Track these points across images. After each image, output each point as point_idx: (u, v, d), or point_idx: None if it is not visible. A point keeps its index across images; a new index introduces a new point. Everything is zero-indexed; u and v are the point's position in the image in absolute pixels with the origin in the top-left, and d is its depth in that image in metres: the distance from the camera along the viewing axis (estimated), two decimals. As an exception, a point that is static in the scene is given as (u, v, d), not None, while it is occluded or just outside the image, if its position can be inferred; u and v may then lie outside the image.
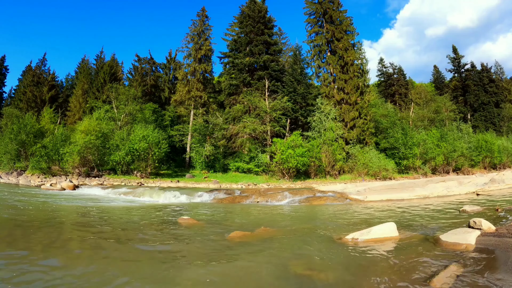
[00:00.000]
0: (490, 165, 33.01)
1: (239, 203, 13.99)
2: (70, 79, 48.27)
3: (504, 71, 51.90)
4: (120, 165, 23.63)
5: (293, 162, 22.39)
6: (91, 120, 24.69)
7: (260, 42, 30.05)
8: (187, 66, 31.78)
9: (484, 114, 45.58)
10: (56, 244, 6.06)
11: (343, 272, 4.71)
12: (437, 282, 3.92)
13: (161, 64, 40.24)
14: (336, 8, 30.37)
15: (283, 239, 6.86)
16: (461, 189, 16.45)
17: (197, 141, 27.86)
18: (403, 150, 26.99)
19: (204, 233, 7.43)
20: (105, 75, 35.51)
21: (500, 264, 4.41)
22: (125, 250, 5.81)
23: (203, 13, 31.91)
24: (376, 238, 6.31)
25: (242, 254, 5.66)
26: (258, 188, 18.77)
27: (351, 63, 28.48)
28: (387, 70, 49.79)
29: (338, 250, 5.81)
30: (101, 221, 8.88)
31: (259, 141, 27.42)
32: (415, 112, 36.39)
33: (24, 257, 5.06)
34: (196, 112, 30.14)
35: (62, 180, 20.52)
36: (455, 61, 50.16)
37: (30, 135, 25.19)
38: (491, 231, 6.13)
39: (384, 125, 30.89)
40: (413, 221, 8.82)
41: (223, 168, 27.50)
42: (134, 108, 28.66)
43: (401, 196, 14.77)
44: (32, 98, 37.83)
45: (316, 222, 9.20)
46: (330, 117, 26.53)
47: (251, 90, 28.75)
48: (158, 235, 7.16)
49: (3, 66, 45.73)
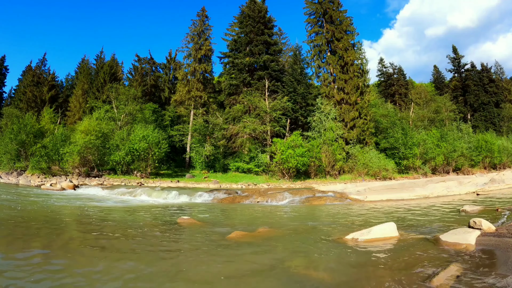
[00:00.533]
0: (490, 165, 33.02)
1: (239, 203, 13.99)
2: (70, 79, 48.30)
3: (504, 71, 52.02)
4: (120, 165, 23.64)
5: (293, 162, 22.40)
6: (91, 120, 24.70)
7: (260, 42, 30.05)
8: (187, 66, 31.82)
9: (484, 114, 45.58)
10: (56, 244, 6.06)
11: (343, 272, 4.71)
12: (437, 282, 3.92)
13: (161, 64, 40.28)
14: (336, 8, 30.39)
15: (283, 239, 6.86)
16: (461, 189, 16.45)
17: (197, 141, 27.86)
18: (403, 150, 27.00)
19: (204, 233, 7.43)
20: (105, 75, 35.51)
21: (500, 264, 4.41)
22: (125, 250, 5.81)
23: (203, 13, 31.95)
24: (376, 238, 6.31)
25: (242, 254, 5.66)
26: (258, 188, 18.77)
27: (351, 63, 28.49)
28: (387, 70, 49.80)
29: (338, 250, 5.81)
30: (101, 221, 8.88)
31: (259, 141, 27.42)
32: (415, 112, 36.39)
33: (23, 257, 5.06)
34: (196, 112, 30.14)
35: (62, 180, 20.52)
36: (455, 61, 50.16)
37: (30, 135, 25.17)
38: (491, 231, 6.12)
39: (384, 125, 30.89)
40: (413, 221, 8.83)
41: (223, 168, 27.50)
42: (134, 108, 28.66)
43: (401, 196, 14.77)
44: (32, 98, 37.84)
45: (316, 222, 9.19)
46: (330, 117, 26.54)
47: (251, 90, 28.75)
48: (158, 235, 7.16)
49: (3, 66, 45.73)
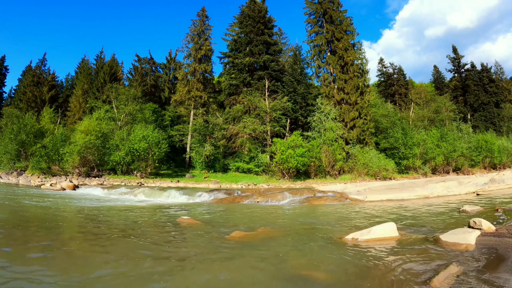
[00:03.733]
0: (490, 165, 33.02)
1: (239, 203, 13.98)
2: (70, 79, 48.22)
3: (504, 71, 52.03)
4: (120, 165, 23.65)
5: (293, 162, 22.40)
6: (91, 120, 24.71)
7: (260, 42, 30.05)
8: (187, 66, 31.84)
9: (484, 114, 45.58)
10: (56, 245, 6.06)
11: (343, 272, 4.70)
12: (437, 282, 3.92)
13: (161, 64, 40.28)
14: (336, 8, 30.40)
15: (283, 239, 6.86)
16: (461, 189, 16.45)
17: (197, 141, 27.86)
18: (403, 150, 27.00)
19: (204, 233, 7.42)
20: (105, 75, 35.51)
21: (500, 264, 4.41)
22: (125, 251, 5.81)
23: (203, 13, 31.96)
24: (376, 238, 6.31)
25: (242, 254, 5.66)
26: (258, 188, 18.77)
27: (351, 63, 28.50)
28: (387, 70, 49.78)
29: (338, 250, 5.81)
30: (101, 221, 8.87)
31: (259, 141, 27.43)
32: (415, 112, 36.40)
33: (23, 257, 5.06)
34: (196, 112, 30.14)
35: (62, 180, 20.53)
36: (455, 61, 50.17)
37: (30, 135, 25.19)
38: (491, 231, 6.12)
39: (384, 125, 30.90)
40: (413, 221, 8.82)
41: (223, 168, 27.50)
42: (134, 108, 28.67)
43: (401, 196, 14.77)
44: (32, 98, 37.86)
45: (316, 222, 9.19)
46: (330, 117, 26.54)
47: (251, 90, 28.75)
48: (158, 235, 7.16)
49: (3, 66, 45.74)
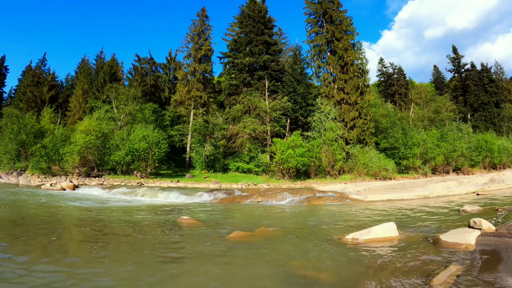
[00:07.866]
0: (490, 165, 32.99)
1: (239, 203, 13.99)
2: (70, 79, 48.16)
3: (504, 71, 51.92)
4: (120, 165, 23.63)
5: (293, 162, 22.39)
6: (91, 120, 24.67)
7: (260, 42, 30.04)
8: (187, 66, 31.79)
9: (484, 114, 45.56)
10: (56, 245, 6.06)
11: (343, 272, 4.71)
12: (437, 282, 3.92)
13: (161, 64, 40.22)
14: (336, 8, 30.37)
15: (283, 239, 6.86)
16: (461, 189, 16.47)
17: (197, 141, 27.84)
18: (403, 150, 26.99)
19: (204, 233, 7.43)
20: (105, 75, 35.47)
21: (500, 264, 4.41)
22: (125, 251, 5.81)
23: (203, 13, 31.92)
24: (376, 238, 6.31)
25: (242, 254, 5.66)
26: (258, 188, 18.77)
27: (351, 63, 28.47)
28: (387, 70, 49.74)
29: (338, 250, 5.81)
30: (101, 221, 8.88)
31: (259, 141, 27.41)
32: (415, 112, 36.39)
33: (23, 258, 5.06)
34: (196, 112, 30.13)
35: (62, 180, 20.52)
36: (455, 61, 50.13)
37: (30, 135, 25.15)
38: (491, 231, 6.13)
39: (384, 125, 30.88)
40: (413, 221, 8.83)
41: (223, 168, 27.49)
42: (134, 108, 28.64)
43: (401, 196, 14.78)
44: (32, 98, 37.81)
45: (316, 222, 9.19)
46: (330, 117, 26.52)
47: (251, 90, 28.73)
48: (158, 235, 7.16)
49: (3, 66, 45.71)
